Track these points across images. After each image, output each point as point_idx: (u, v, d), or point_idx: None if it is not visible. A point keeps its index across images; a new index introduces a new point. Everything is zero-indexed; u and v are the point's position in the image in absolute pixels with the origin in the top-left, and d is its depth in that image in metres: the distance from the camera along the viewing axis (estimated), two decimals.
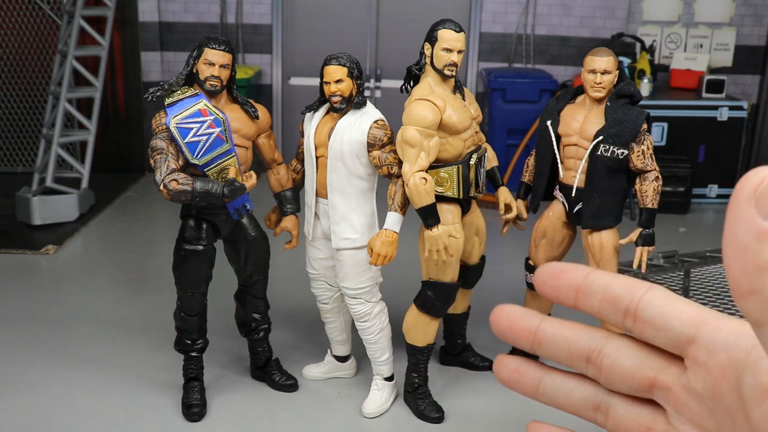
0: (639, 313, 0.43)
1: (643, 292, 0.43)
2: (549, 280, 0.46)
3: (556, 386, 0.48)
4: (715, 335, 0.41)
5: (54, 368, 3.69)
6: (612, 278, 0.44)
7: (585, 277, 0.45)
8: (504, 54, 6.95)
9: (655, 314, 0.42)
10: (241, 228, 3.30)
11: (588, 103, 3.38)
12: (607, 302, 0.44)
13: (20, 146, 7.00)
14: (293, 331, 4.11)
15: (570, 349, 0.46)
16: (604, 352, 0.45)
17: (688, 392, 0.42)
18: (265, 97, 7.01)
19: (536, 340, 0.47)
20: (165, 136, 3.03)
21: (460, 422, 3.37)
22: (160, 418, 3.33)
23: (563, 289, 0.45)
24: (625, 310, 0.43)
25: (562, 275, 0.45)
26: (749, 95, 7.03)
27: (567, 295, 0.45)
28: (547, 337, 0.47)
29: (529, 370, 0.49)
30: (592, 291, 0.44)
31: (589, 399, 0.47)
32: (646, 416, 0.45)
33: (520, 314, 0.48)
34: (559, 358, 0.47)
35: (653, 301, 0.43)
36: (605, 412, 0.46)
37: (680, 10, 6.89)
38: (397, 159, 3.13)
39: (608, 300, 0.44)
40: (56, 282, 4.72)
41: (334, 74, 3.09)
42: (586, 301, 0.45)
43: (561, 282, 0.46)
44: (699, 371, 0.41)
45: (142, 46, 6.79)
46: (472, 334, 3.93)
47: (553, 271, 0.46)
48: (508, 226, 3.56)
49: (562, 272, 0.46)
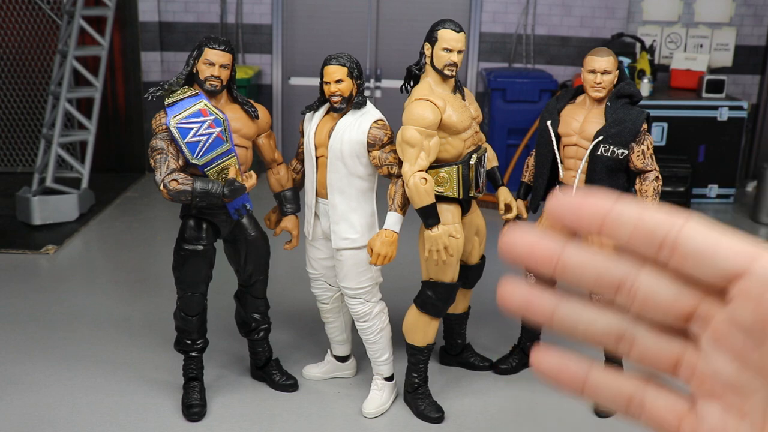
0: (680, 244, 0.40)
1: (682, 223, 0.40)
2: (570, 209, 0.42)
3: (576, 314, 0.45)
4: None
5: (54, 368, 3.69)
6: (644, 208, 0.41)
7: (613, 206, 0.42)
8: (504, 54, 6.95)
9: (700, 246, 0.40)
10: (241, 228, 3.30)
11: (588, 103, 3.38)
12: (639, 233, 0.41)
13: (20, 146, 7.00)
14: (293, 331, 4.11)
15: (599, 276, 0.43)
16: (639, 281, 0.42)
17: (733, 324, 0.40)
18: (265, 97, 7.01)
19: (560, 266, 0.43)
20: (165, 136, 3.03)
21: (460, 422, 3.37)
22: (160, 418, 3.33)
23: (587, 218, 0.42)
24: (661, 243, 0.41)
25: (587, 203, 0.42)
26: (749, 95, 7.03)
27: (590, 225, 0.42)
28: (574, 262, 0.43)
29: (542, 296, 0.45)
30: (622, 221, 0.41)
31: (612, 328, 0.44)
32: (675, 347, 0.43)
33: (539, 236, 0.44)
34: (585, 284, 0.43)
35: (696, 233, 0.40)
36: (630, 342, 0.44)
37: (680, 10, 6.89)
38: (397, 159, 3.13)
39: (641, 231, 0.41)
40: (56, 282, 4.72)
41: (334, 74, 3.09)
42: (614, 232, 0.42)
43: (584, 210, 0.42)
44: (749, 304, 0.39)
45: (142, 46, 6.79)
46: (472, 334, 3.93)
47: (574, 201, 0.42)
48: (508, 226, 3.56)
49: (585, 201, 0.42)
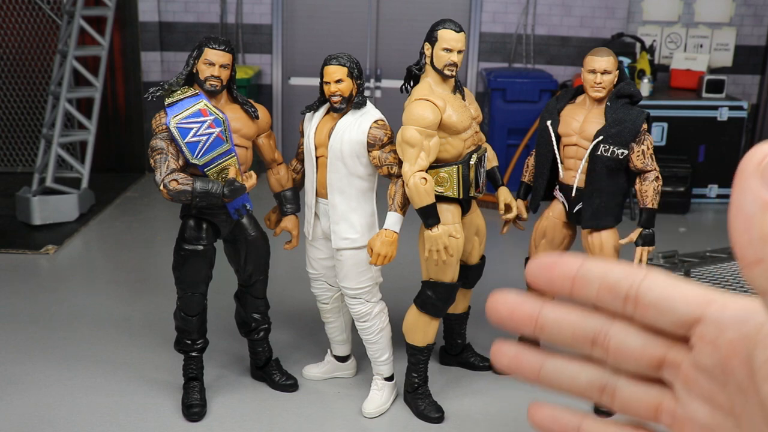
0: (641, 296, 0.43)
1: (642, 277, 0.43)
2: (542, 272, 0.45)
3: (560, 370, 0.47)
4: (723, 313, 0.41)
5: (54, 368, 3.69)
6: (608, 265, 0.44)
7: (580, 267, 0.44)
8: (504, 54, 6.95)
9: (658, 297, 0.42)
10: (241, 228, 3.30)
11: (588, 103, 3.38)
12: (605, 289, 0.44)
13: (20, 146, 7.00)
14: (293, 331, 4.11)
15: (575, 333, 0.46)
16: (611, 333, 0.45)
17: (698, 369, 0.42)
18: (265, 97, 7.01)
19: (538, 326, 0.46)
20: (165, 136, 3.03)
21: (460, 422, 3.37)
22: (160, 418, 3.33)
23: (558, 280, 0.45)
24: (625, 296, 0.43)
25: (556, 267, 0.45)
26: (749, 95, 7.03)
27: (562, 286, 0.45)
28: (551, 321, 0.46)
29: (529, 355, 0.48)
30: (589, 279, 0.44)
31: (594, 381, 0.46)
32: (653, 395, 0.45)
33: (519, 300, 0.47)
34: (562, 341, 0.46)
35: (654, 285, 0.42)
36: (611, 393, 0.46)
37: (680, 10, 6.89)
38: (397, 159, 3.13)
39: (606, 287, 0.43)
40: (56, 282, 4.72)
41: (334, 74, 3.09)
42: (583, 290, 0.44)
43: (555, 273, 0.45)
44: (707, 348, 0.41)
45: (142, 46, 6.79)
46: (472, 334, 3.93)
47: (545, 264, 0.45)
48: (508, 226, 3.56)
49: (555, 264, 0.45)
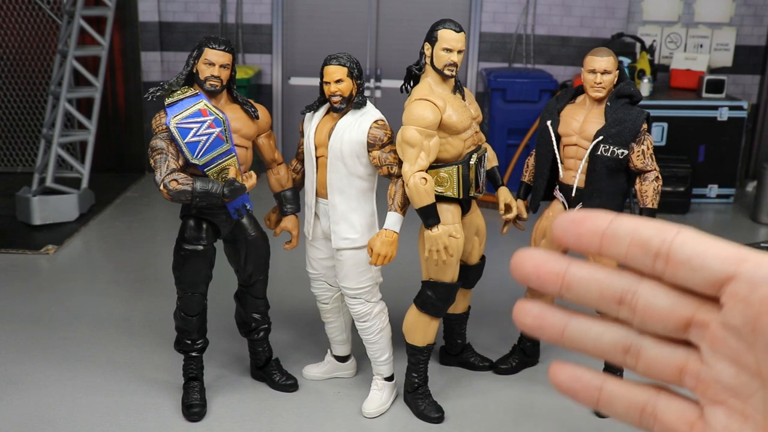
0: (672, 253, 0.42)
1: (675, 233, 0.42)
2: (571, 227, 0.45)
3: (584, 330, 0.47)
4: (756, 270, 0.40)
5: (54, 368, 3.69)
6: (638, 221, 0.44)
7: (611, 222, 0.44)
8: (504, 54, 6.95)
9: (690, 253, 0.42)
10: (241, 228, 3.30)
11: (588, 103, 3.38)
12: (635, 246, 0.43)
13: (20, 146, 7.00)
14: (293, 331, 4.11)
15: (602, 291, 0.45)
16: (639, 292, 0.44)
17: (726, 328, 0.41)
18: (265, 97, 7.01)
19: (565, 284, 0.46)
20: (165, 136, 3.03)
21: (460, 422, 3.37)
22: (160, 418, 3.33)
23: (587, 235, 0.44)
24: (656, 253, 0.43)
25: (585, 221, 0.45)
26: (749, 95, 7.03)
27: (591, 242, 0.44)
28: (577, 279, 0.46)
29: (554, 314, 0.47)
30: (619, 235, 0.44)
31: (619, 342, 0.46)
32: (678, 356, 0.44)
33: (545, 257, 0.46)
34: (588, 301, 0.46)
35: (687, 241, 0.42)
36: (636, 354, 0.46)
37: (680, 10, 6.89)
38: (397, 159, 3.13)
39: (637, 243, 0.43)
40: (56, 282, 4.72)
41: (334, 74, 3.09)
42: (612, 247, 0.44)
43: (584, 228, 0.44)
44: (738, 306, 0.41)
45: (142, 46, 6.79)
46: (472, 334, 3.93)
47: (575, 218, 0.45)
48: (508, 226, 3.56)
49: (585, 218, 0.45)
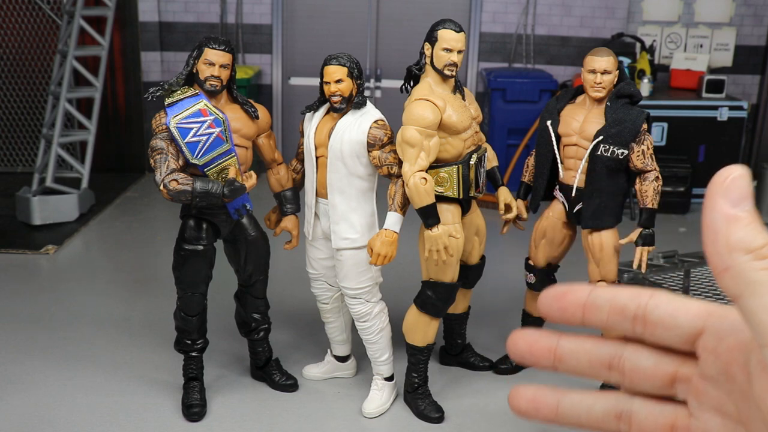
0: (648, 316, 0.45)
1: (648, 297, 0.45)
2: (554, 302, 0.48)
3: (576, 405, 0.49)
4: (722, 322, 0.43)
5: (54, 368, 3.69)
6: (615, 290, 0.47)
7: (589, 294, 0.47)
8: (504, 54, 6.95)
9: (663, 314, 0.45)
10: (241, 228, 3.30)
11: (588, 103, 3.37)
12: (614, 313, 0.46)
13: (20, 146, 7.00)
14: (293, 331, 4.11)
15: (591, 360, 0.48)
16: (625, 356, 0.47)
17: (705, 379, 0.44)
18: (265, 97, 7.01)
19: (557, 358, 0.49)
20: (165, 136, 3.03)
21: (460, 422, 3.37)
22: (160, 418, 3.33)
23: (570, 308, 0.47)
24: (633, 317, 0.45)
25: (566, 296, 0.47)
26: (749, 95, 7.03)
27: (574, 314, 0.47)
28: (568, 352, 0.48)
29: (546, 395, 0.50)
30: (598, 305, 0.46)
31: (610, 410, 0.48)
32: (668, 413, 0.46)
33: (536, 336, 0.49)
34: (581, 370, 0.48)
35: (659, 304, 0.45)
36: (627, 419, 0.48)
37: (680, 10, 6.89)
38: (397, 159, 3.13)
39: (615, 310, 0.46)
40: (56, 282, 4.72)
41: (334, 74, 3.09)
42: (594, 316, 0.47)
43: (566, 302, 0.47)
44: (710, 358, 0.43)
45: (142, 46, 6.79)
46: (472, 334, 3.93)
47: (556, 294, 0.48)
48: (508, 226, 3.56)
49: (565, 293, 0.47)
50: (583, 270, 3.55)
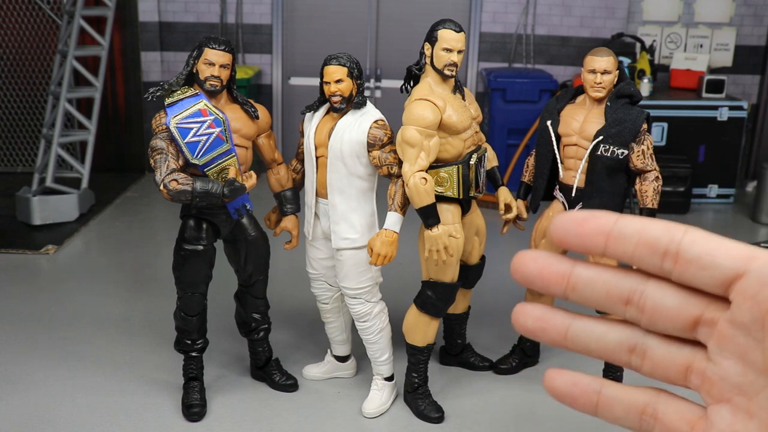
0: (682, 252, 0.42)
1: (683, 233, 0.42)
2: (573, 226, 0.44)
3: (587, 331, 0.46)
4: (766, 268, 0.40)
5: (54, 368, 3.69)
6: (645, 221, 0.43)
7: (616, 222, 0.43)
8: (504, 54, 6.95)
9: (700, 252, 0.41)
10: (241, 228, 3.30)
11: (588, 103, 3.38)
12: (643, 245, 0.43)
13: (20, 146, 7.00)
14: (293, 331, 4.11)
15: (609, 292, 0.45)
16: (647, 292, 0.44)
17: (734, 326, 0.41)
18: (265, 97, 7.01)
19: (570, 285, 0.45)
20: (165, 136, 3.03)
21: (460, 422, 3.37)
22: (160, 418, 3.33)
23: (591, 235, 0.43)
24: (664, 252, 0.42)
25: (589, 222, 0.44)
26: (749, 95, 7.03)
27: (596, 243, 0.43)
28: (583, 280, 0.45)
29: (556, 316, 0.47)
30: (626, 235, 0.43)
31: (624, 341, 0.45)
32: (684, 355, 0.44)
33: (549, 258, 0.46)
34: (594, 301, 0.45)
35: (697, 240, 0.42)
36: (641, 353, 0.45)
37: (680, 10, 6.89)
38: (397, 159, 3.13)
39: (645, 243, 0.42)
40: (56, 282, 4.72)
41: (334, 74, 3.09)
42: (619, 246, 0.43)
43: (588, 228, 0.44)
44: (747, 303, 0.41)
45: (142, 46, 6.79)
46: (472, 334, 3.93)
47: (577, 218, 0.44)
48: (508, 226, 3.55)
49: (588, 218, 0.44)
50: None
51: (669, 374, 0.45)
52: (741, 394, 0.42)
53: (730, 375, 0.42)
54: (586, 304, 0.45)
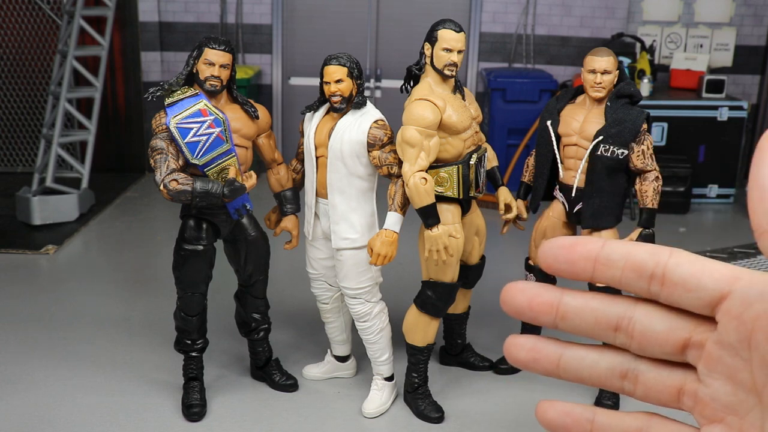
0: (668, 275, 0.42)
1: (668, 255, 0.42)
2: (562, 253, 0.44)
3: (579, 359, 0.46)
4: (750, 288, 0.41)
5: (54, 368, 3.69)
6: (630, 245, 0.43)
7: (602, 247, 0.44)
8: (504, 54, 6.95)
9: (686, 274, 0.42)
10: (241, 228, 3.30)
11: (588, 103, 3.38)
12: (630, 269, 0.43)
13: (20, 146, 7.00)
14: (293, 331, 4.11)
15: (597, 319, 0.45)
16: (635, 318, 0.44)
17: (722, 346, 0.42)
18: (265, 97, 7.01)
19: (560, 315, 0.45)
20: (165, 136, 3.03)
21: (460, 422, 3.37)
22: (160, 418, 3.33)
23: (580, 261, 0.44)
24: (651, 275, 0.43)
25: (576, 248, 0.44)
26: (749, 95, 7.03)
27: (585, 268, 0.44)
28: (572, 309, 0.45)
29: (547, 346, 0.47)
30: (613, 259, 0.43)
31: (616, 368, 0.46)
32: (676, 378, 0.44)
33: (537, 289, 0.46)
34: (584, 329, 0.45)
35: (682, 262, 0.42)
36: (633, 378, 0.46)
37: (680, 10, 6.89)
38: (397, 159, 3.13)
39: (631, 266, 0.43)
40: (56, 282, 4.73)
41: (334, 74, 3.09)
42: (606, 272, 0.43)
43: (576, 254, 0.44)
44: (733, 324, 0.41)
45: (142, 46, 6.79)
46: (472, 334, 3.93)
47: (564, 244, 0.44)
48: (508, 226, 3.56)
49: (575, 244, 0.44)
50: None
51: (662, 397, 0.45)
52: (733, 414, 0.42)
53: (721, 395, 0.42)
54: (576, 332, 0.46)
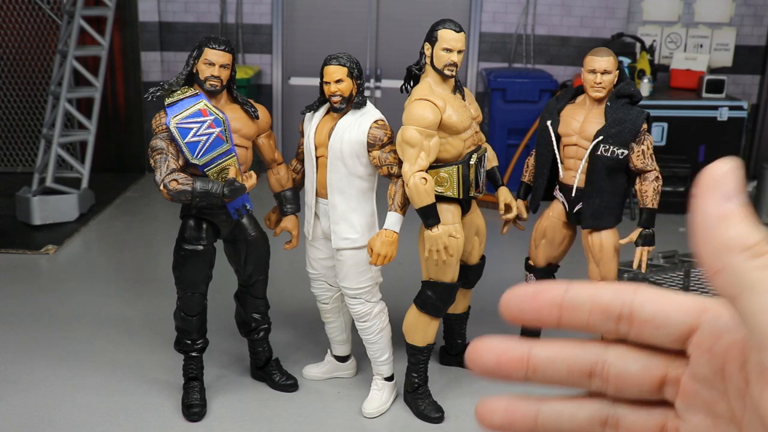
0: (635, 314, 0.41)
1: (633, 294, 0.42)
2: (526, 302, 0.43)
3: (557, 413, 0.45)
4: (717, 320, 0.40)
5: (54, 368, 3.69)
6: (593, 287, 0.42)
7: (566, 292, 0.42)
8: (504, 54, 6.95)
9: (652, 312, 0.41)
10: (241, 228, 3.30)
11: (588, 103, 3.38)
12: (596, 312, 0.42)
13: (20, 146, 7.00)
14: (293, 331, 4.11)
15: (570, 368, 0.44)
16: (609, 361, 0.43)
17: (696, 380, 0.41)
18: (265, 97, 7.01)
19: (530, 368, 0.44)
20: (165, 136, 3.03)
21: (460, 422, 3.37)
22: (160, 418, 3.33)
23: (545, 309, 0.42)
24: (618, 316, 0.42)
25: (540, 295, 0.43)
26: (749, 95, 7.03)
27: (550, 315, 0.42)
28: (543, 361, 0.44)
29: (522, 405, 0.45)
30: (577, 304, 0.42)
31: (595, 416, 0.45)
32: (657, 417, 0.44)
33: (504, 344, 0.44)
34: (558, 380, 0.44)
35: (647, 300, 0.41)
36: (614, 424, 0.44)
37: (680, 10, 6.89)
38: (397, 159, 3.13)
39: (597, 310, 0.42)
40: (56, 282, 4.72)
41: (334, 74, 3.09)
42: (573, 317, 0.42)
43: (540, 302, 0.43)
44: (705, 357, 0.40)
45: (142, 46, 6.79)
46: (472, 334, 3.93)
47: (526, 294, 0.43)
48: (508, 226, 3.56)
49: (538, 292, 0.43)
50: (583, 270, 3.55)
51: None
52: None
53: (702, 429, 0.41)
54: (550, 383, 0.44)
